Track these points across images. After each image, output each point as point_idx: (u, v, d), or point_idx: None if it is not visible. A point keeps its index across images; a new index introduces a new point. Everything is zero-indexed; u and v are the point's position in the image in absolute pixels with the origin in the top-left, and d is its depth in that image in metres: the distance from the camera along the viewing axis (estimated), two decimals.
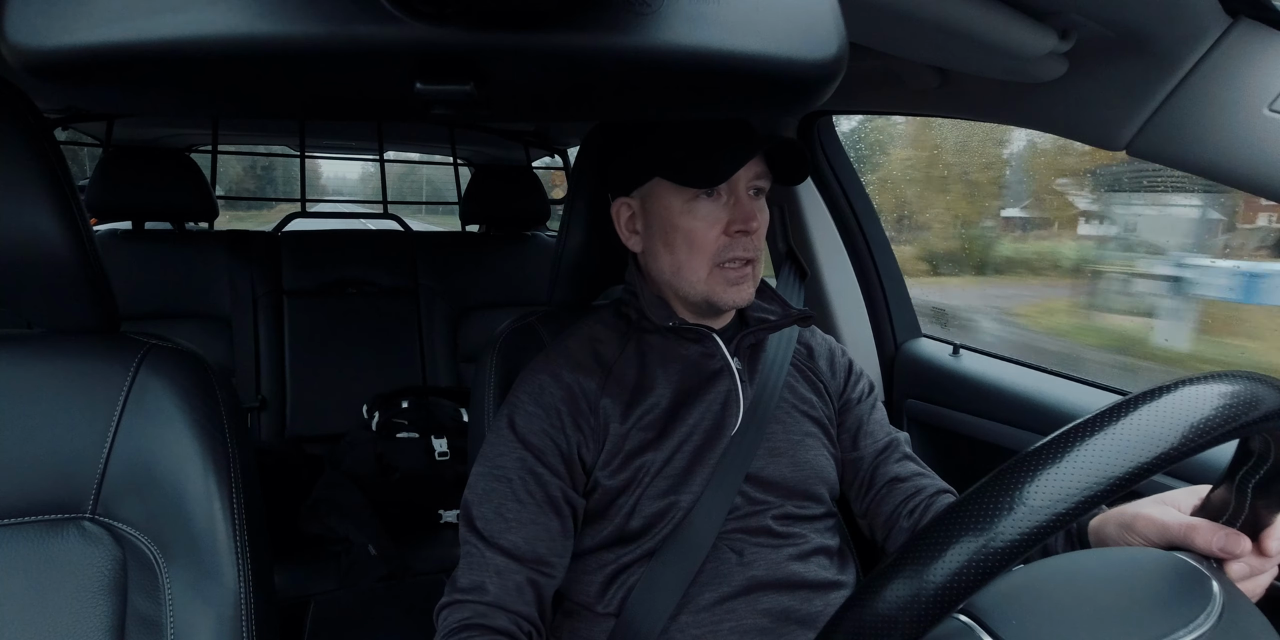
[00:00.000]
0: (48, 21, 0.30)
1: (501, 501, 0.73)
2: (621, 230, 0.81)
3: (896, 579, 0.33)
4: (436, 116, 0.41)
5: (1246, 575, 0.48)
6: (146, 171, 1.77)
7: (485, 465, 0.75)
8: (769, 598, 0.74)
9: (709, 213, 0.74)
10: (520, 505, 0.73)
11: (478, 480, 0.75)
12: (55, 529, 0.63)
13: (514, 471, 0.74)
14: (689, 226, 0.75)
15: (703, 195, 0.74)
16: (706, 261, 0.75)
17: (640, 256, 0.82)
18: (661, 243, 0.77)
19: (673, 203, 0.75)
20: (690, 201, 0.74)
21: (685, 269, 0.76)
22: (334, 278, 1.99)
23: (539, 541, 0.72)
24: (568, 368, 0.78)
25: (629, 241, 0.81)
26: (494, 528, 0.72)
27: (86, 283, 0.67)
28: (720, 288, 0.75)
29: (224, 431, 0.68)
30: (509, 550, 0.71)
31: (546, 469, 0.74)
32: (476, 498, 0.74)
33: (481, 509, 0.73)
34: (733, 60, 0.35)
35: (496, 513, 0.73)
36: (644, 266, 0.82)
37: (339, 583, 1.36)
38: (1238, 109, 0.65)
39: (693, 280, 0.76)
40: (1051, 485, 0.33)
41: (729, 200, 0.75)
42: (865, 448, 0.85)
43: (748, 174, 0.75)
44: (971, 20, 0.65)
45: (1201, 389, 0.35)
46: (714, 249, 0.75)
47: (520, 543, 0.72)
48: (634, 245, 0.81)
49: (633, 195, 0.79)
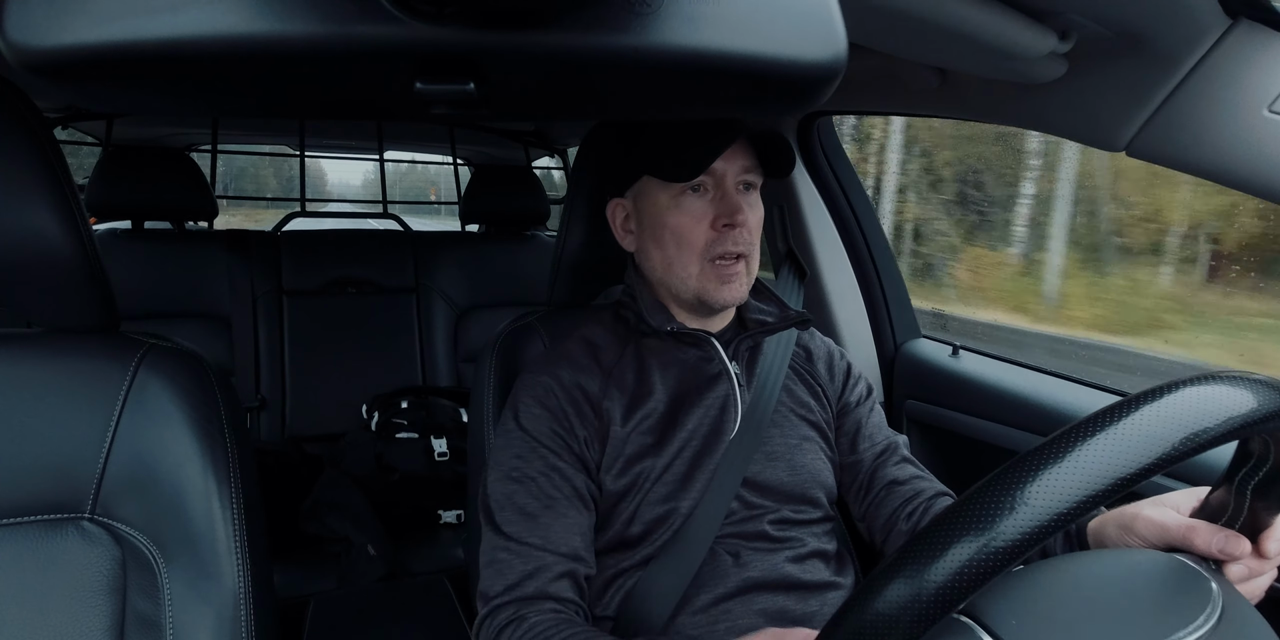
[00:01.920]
0: (47, 20, 0.30)
1: (524, 501, 0.72)
2: (617, 230, 0.82)
3: (897, 579, 0.33)
4: (436, 116, 0.41)
5: (1245, 577, 0.48)
6: (146, 171, 1.77)
7: (500, 469, 0.75)
8: (764, 598, 0.74)
9: (695, 208, 0.75)
10: (545, 502, 0.72)
11: (496, 485, 0.74)
12: (54, 529, 0.63)
13: (534, 470, 0.73)
14: (676, 222, 0.75)
15: (689, 191, 0.75)
16: (696, 257, 0.75)
17: (635, 256, 0.82)
18: (652, 240, 0.78)
19: (660, 199, 0.76)
20: (677, 197, 0.75)
21: (675, 265, 0.76)
22: (334, 277, 1.99)
23: (571, 535, 0.72)
24: (569, 370, 0.78)
25: (624, 241, 0.82)
26: (521, 528, 0.71)
27: (86, 282, 0.67)
28: (712, 285, 0.75)
29: (223, 431, 0.68)
30: (541, 546, 0.70)
31: (566, 464, 0.74)
32: (497, 503, 0.73)
33: (505, 513, 0.72)
34: (732, 60, 0.35)
35: (521, 513, 0.72)
36: (639, 266, 0.82)
37: (338, 583, 1.36)
38: (1237, 110, 0.65)
39: (683, 276, 0.76)
40: (1051, 486, 0.33)
41: (716, 195, 0.75)
42: (864, 451, 0.85)
43: (734, 168, 0.75)
44: (971, 21, 0.65)
45: (1201, 390, 0.35)
46: (702, 244, 0.75)
47: (552, 537, 0.71)
48: (629, 245, 0.82)
49: (626, 195, 0.80)
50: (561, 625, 0.65)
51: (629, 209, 0.80)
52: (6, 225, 0.61)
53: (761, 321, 0.83)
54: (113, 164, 1.76)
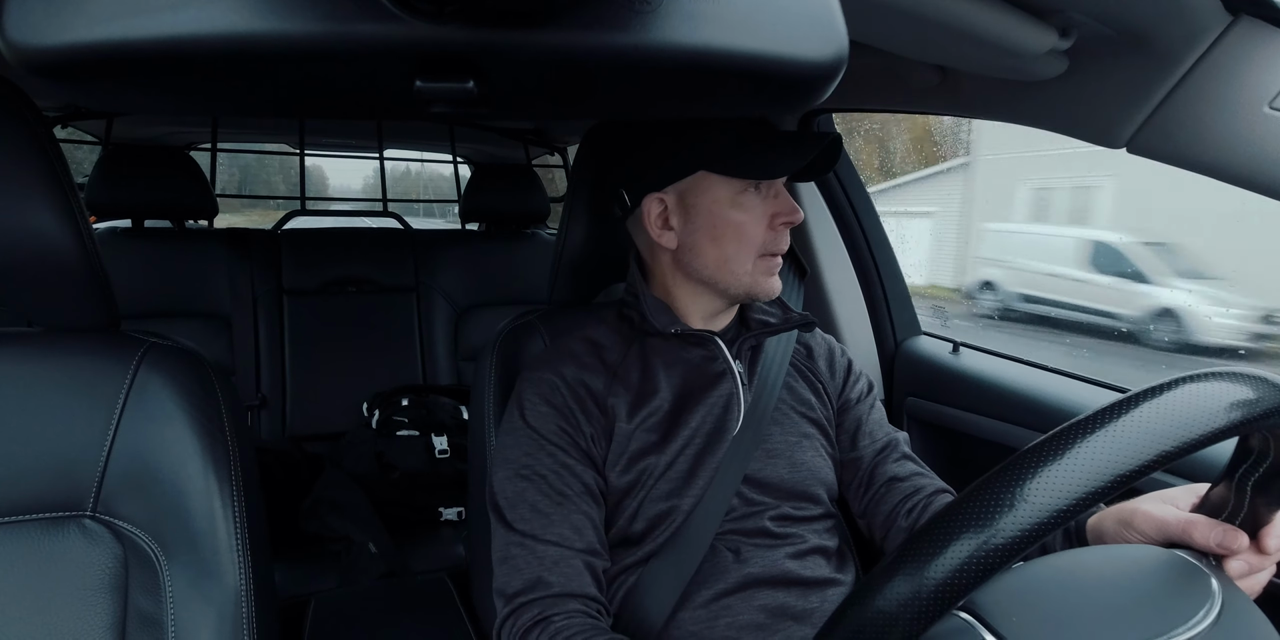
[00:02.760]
0: (47, 20, 0.30)
1: (536, 498, 0.72)
2: (651, 226, 0.78)
3: (896, 576, 0.33)
4: (436, 115, 0.41)
5: (1245, 573, 0.48)
6: (146, 170, 1.77)
7: (509, 467, 0.75)
8: (765, 594, 0.74)
9: (756, 205, 0.75)
10: (558, 498, 0.72)
11: (505, 484, 0.74)
12: (56, 527, 0.63)
13: (545, 468, 0.73)
14: (739, 219, 0.75)
15: (751, 188, 0.75)
16: (753, 254, 0.76)
17: (676, 252, 0.79)
18: (707, 237, 0.76)
19: (721, 195, 0.75)
20: (740, 195, 0.75)
21: (733, 261, 0.76)
22: (334, 276, 1.99)
23: (586, 529, 0.72)
24: (573, 367, 0.78)
25: (661, 238, 0.78)
26: (535, 525, 0.71)
27: (86, 281, 0.67)
28: (762, 279, 0.77)
29: (224, 430, 0.68)
30: (558, 541, 0.70)
31: (575, 460, 0.74)
32: (508, 501, 0.73)
33: (517, 511, 0.72)
34: (733, 58, 0.35)
35: (534, 510, 0.72)
36: (680, 262, 0.79)
37: (339, 581, 1.36)
38: (1238, 107, 0.65)
39: (739, 273, 0.76)
40: (1051, 483, 0.33)
41: (769, 193, 0.76)
42: (864, 448, 0.85)
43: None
44: (972, 18, 0.65)
45: (1200, 387, 0.35)
46: (760, 241, 0.76)
47: (568, 532, 0.71)
48: (667, 241, 0.78)
49: (667, 190, 0.77)
50: (588, 631, 0.65)
51: (670, 204, 0.77)
52: (6, 224, 0.61)
53: (764, 322, 0.83)
54: (113, 163, 1.75)
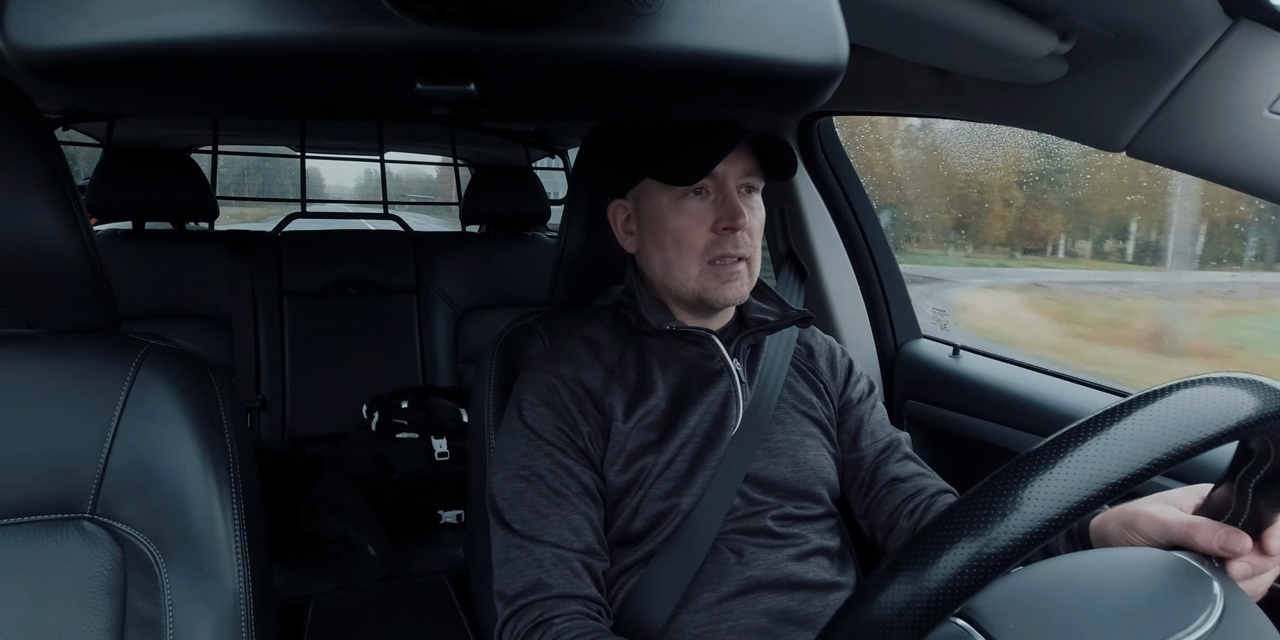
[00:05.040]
0: (48, 21, 0.30)
1: (535, 499, 0.72)
2: (618, 231, 0.82)
3: (893, 583, 0.33)
4: (437, 117, 0.41)
5: (1248, 575, 0.48)
6: (147, 172, 1.77)
7: (508, 468, 0.75)
8: (768, 598, 0.74)
9: (697, 211, 0.75)
10: (556, 499, 0.72)
11: (504, 485, 0.74)
12: (54, 529, 0.63)
13: (543, 468, 0.73)
14: (677, 225, 0.75)
15: (690, 193, 0.75)
16: (696, 259, 0.75)
17: (635, 257, 0.83)
18: (653, 242, 0.78)
19: (661, 202, 0.76)
20: (678, 200, 0.75)
21: (675, 267, 0.77)
22: (334, 278, 1.99)
23: (585, 530, 0.72)
24: (570, 366, 0.78)
25: (625, 243, 0.82)
26: (534, 526, 0.71)
27: (87, 282, 0.67)
28: (712, 285, 0.76)
29: (224, 431, 0.68)
30: (557, 542, 0.70)
31: (573, 461, 0.74)
32: (507, 502, 0.74)
33: (516, 511, 0.73)
34: (733, 61, 0.35)
35: (533, 511, 0.72)
36: (639, 267, 0.83)
37: (338, 583, 1.36)
38: (1238, 110, 0.65)
39: (683, 279, 0.77)
40: (1050, 488, 0.33)
41: (717, 198, 0.75)
42: (865, 448, 0.85)
43: (735, 171, 0.75)
44: (972, 21, 0.65)
45: (1199, 391, 0.35)
46: (702, 246, 0.75)
47: (566, 533, 0.71)
48: (629, 246, 0.82)
49: (627, 197, 0.80)
50: (591, 633, 0.65)
51: (630, 210, 0.81)
52: (8, 226, 0.61)
53: (762, 320, 0.84)
54: (114, 165, 1.76)
